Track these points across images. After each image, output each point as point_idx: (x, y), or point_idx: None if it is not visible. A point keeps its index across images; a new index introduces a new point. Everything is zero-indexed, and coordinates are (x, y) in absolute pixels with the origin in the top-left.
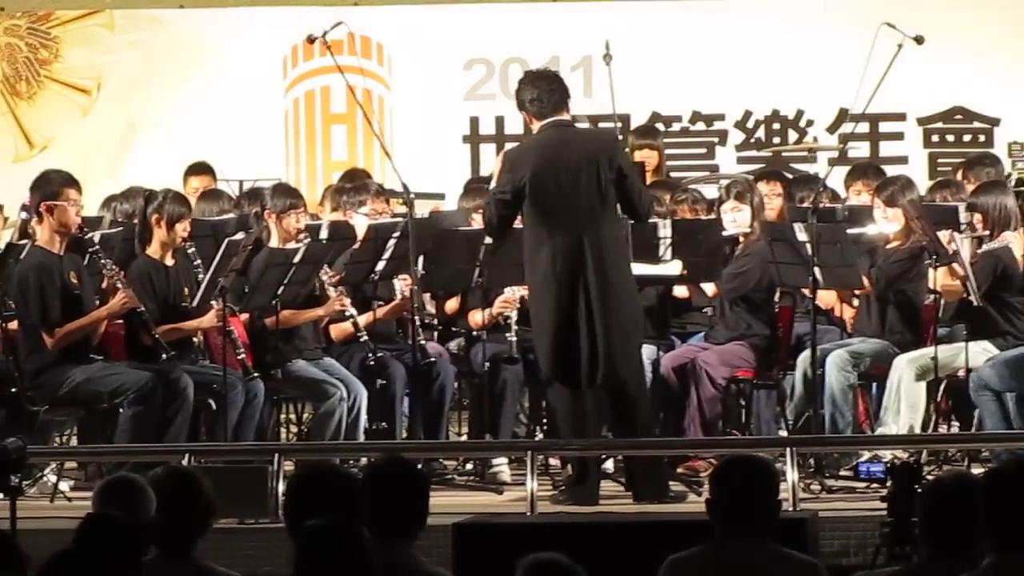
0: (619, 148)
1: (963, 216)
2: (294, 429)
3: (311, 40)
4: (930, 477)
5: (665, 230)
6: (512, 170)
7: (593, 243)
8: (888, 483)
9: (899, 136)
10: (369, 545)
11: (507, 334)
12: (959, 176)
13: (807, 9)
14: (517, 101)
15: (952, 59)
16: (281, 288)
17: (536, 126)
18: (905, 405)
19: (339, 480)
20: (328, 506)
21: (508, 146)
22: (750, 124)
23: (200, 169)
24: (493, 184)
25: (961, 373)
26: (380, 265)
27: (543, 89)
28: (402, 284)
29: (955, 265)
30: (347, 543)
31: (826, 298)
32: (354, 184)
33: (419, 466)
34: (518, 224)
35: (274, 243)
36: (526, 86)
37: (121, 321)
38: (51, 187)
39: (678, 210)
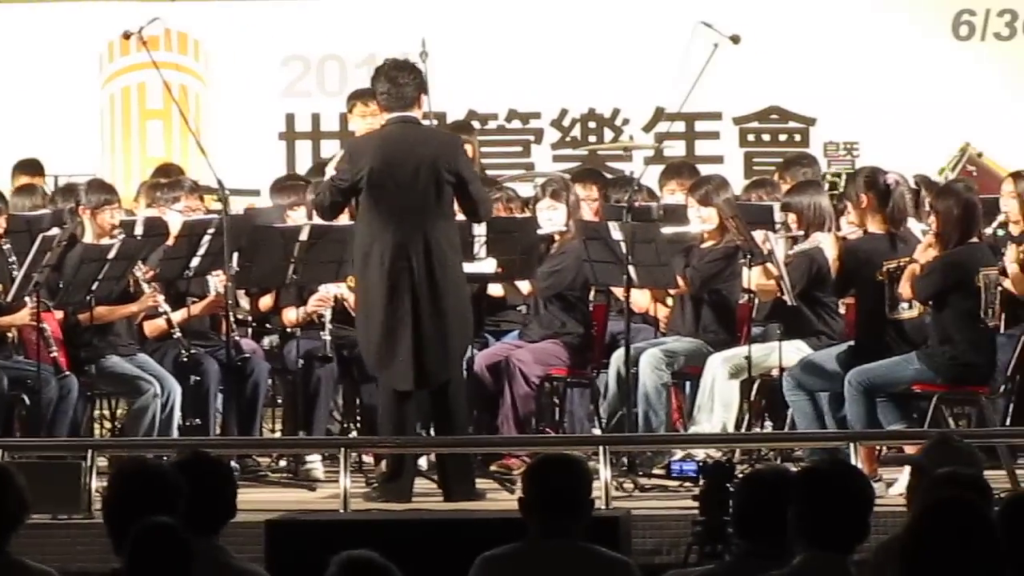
0: (461, 151)
1: (778, 216)
2: (108, 425)
3: (127, 36)
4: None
5: (480, 228)
6: (352, 161)
7: (425, 243)
8: (700, 482)
9: (715, 135)
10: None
11: (321, 332)
12: (775, 176)
13: (624, 7)
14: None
15: (768, 59)
16: (95, 284)
17: (383, 119)
18: (718, 404)
19: (162, 478)
20: (150, 503)
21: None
22: (566, 122)
23: (28, 167)
24: (332, 167)
25: (775, 372)
26: (195, 262)
27: (395, 83)
28: (216, 281)
29: (769, 264)
30: (175, 543)
31: (640, 297)
32: (169, 180)
33: (232, 462)
34: (340, 222)
35: (88, 239)
36: (380, 77)
37: None
38: None
39: (493, 208)
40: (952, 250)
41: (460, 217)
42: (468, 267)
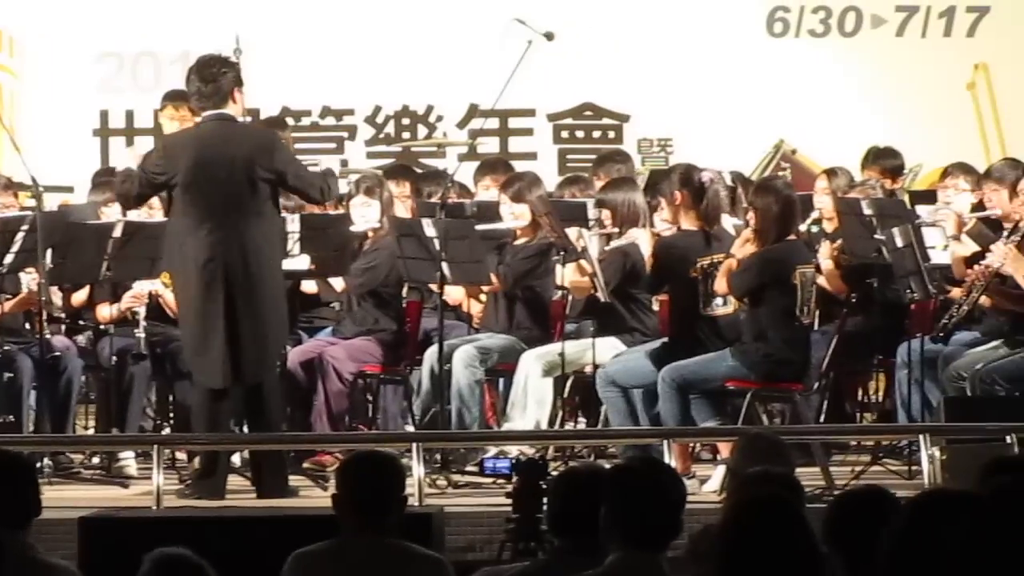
0: (278, 148)
1: (592, 212)
2: None
3: None
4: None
5: (294, 224)
6: (167, 156)
7: (240, 241)
8: (513, 479)
9: (529, 132)
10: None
11: (135, 329)
12: (589, 173)
13: (438, 4)
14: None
15: (582, 56)
16: None
17: (200, 116)
18: (532, 401)
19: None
20: None
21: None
22: (380, 119)
23: None
24: (131, 157)
25: (588, 369)
26: (8, 258)
27: (210, 79)
28: (29, 278)
29: (583, 261)
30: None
31: (454, 293)
32: None
33: (45, 459)
34: (154, 219)
35: None
36: (193, 75)
37: None
38: None
39: (306, 205)
40: (770, 247)
41: (285, 214)
42: (282, 263)
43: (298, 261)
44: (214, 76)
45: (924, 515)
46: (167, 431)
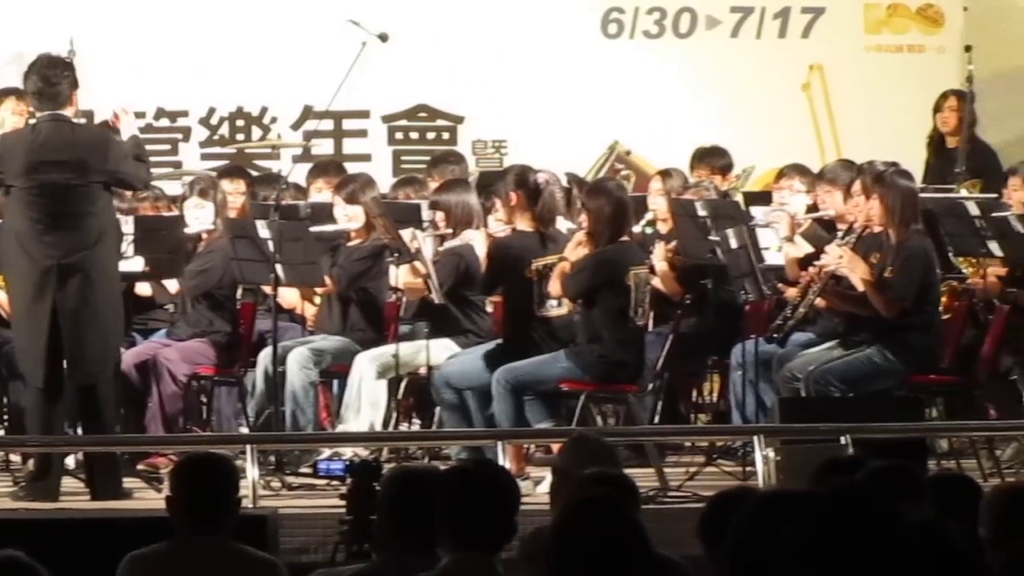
0: (112, 147)
1: (426, 214)
2: None
3: None
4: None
5: (127, 226)
6: (1, 156)
7: (75, 241)
8: (347, 481)
9: (363, 133)
10: None
11: None
12: (424, 174)
13: (272, 5)
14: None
15: (416, 57)
16: None
17: (36, 116)
18: (366, 403)
19: None
20: None
21: None
22: (214, 121)
23: None
24: None
25: (422, 370)
26: None
27: (48, 81)
28: None
29: (417, 263)
30: None
31: (288, 295)
32: None
33: None
34: None
35: None
36: (32, 74)
37: None
38: None
39: (140, 207)
40: (603, 248)
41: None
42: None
43: (132, 263)
44: (56, 78)
45: (764, 515)
46: (1, 433)
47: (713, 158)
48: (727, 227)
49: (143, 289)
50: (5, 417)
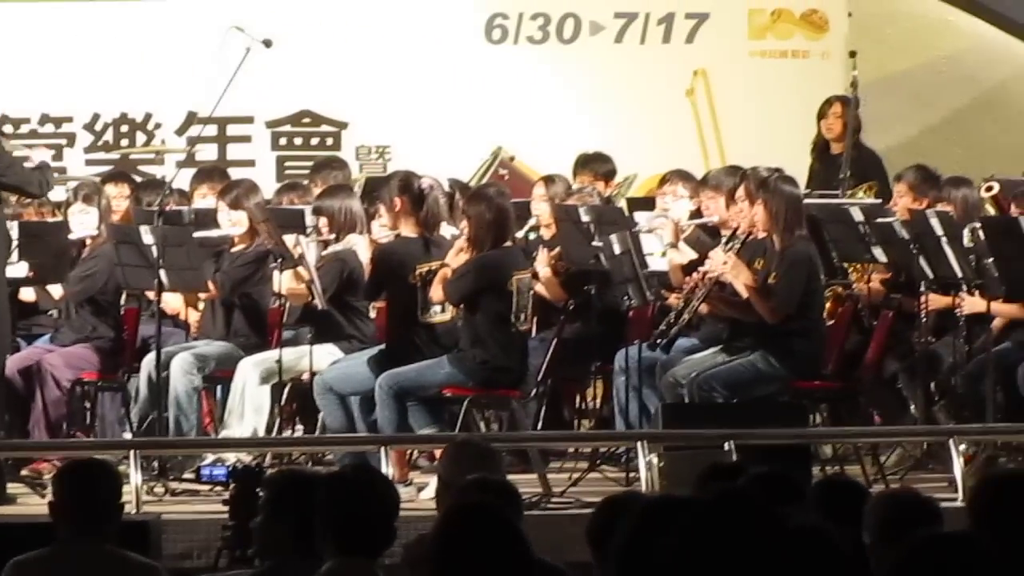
0: None
1: (309, 219)
2: None
3: None
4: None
5: (12, 232)
6: None
7: None
8: (231, 486)
9: (247, 139)
10: None
11: None
12: (307, 180)
13: (157, 10)
14: None
15: (300, 63)
16: None
17: None
18: (249, 408)
19: None
20: None
21: None
22: (98, 126)
23: None
24: None
25: (306, 376)
26: None
27: None
28: None
29: (300, 268)
30: None
31: (172, 301)
32: None
33: None
34: None
35: None
36: None
37: None
38: None
39: (24, 212)
40: (485, 253)
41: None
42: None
43: (16, 268)
44: None
45: (649, 521)
46: None
47: (596, 164)
48: (611, 233)
49: (27, 294)
50: None
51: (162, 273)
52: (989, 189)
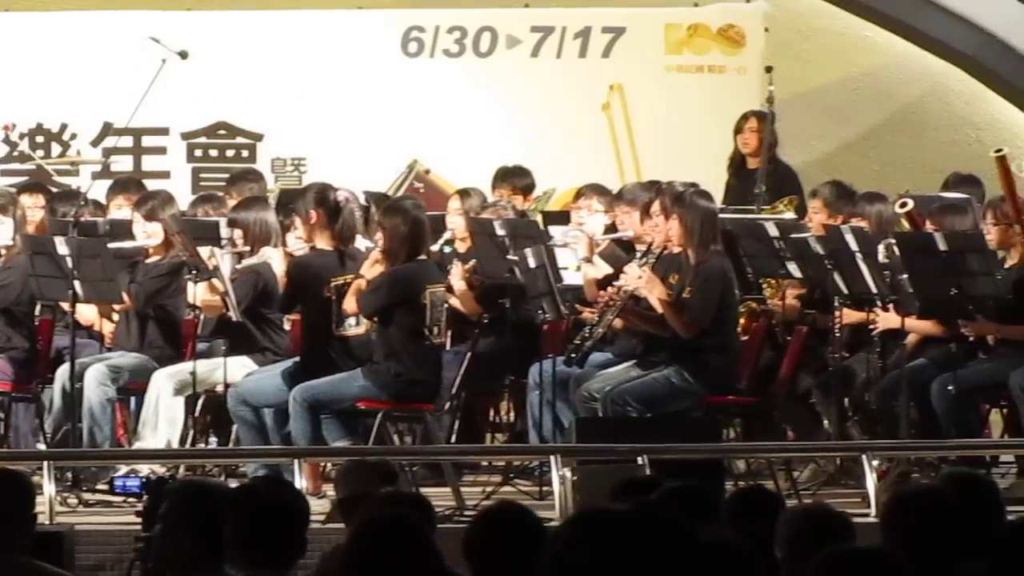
0: None
1: (224, 231)
2: None
3: None
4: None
5: None
6: None
7: None
8: (144, 498)
9: (162, 150)
10: None
11: None
12: (222, 192)
13: (73, 21)
14: None
15: (216, 74)
16: None
17: None
18: (163, 420)
19: None
20: None
21: None
22: (14, 137)
23: None
24: None
25: (220, 388)
26: None
27: None
28: None
29: (215, 280)
30: None
31: (86, 312)
32: None
33: None
34: None
35: None
36: None
37: None
38: None
39: None
40: (399, 266)
41: None
42: None
43: None
44: None
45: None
46: None
47: (515, 178)
48: (525, 246)
49: None
50: None
51: (77, 284)
52: (903, 205)
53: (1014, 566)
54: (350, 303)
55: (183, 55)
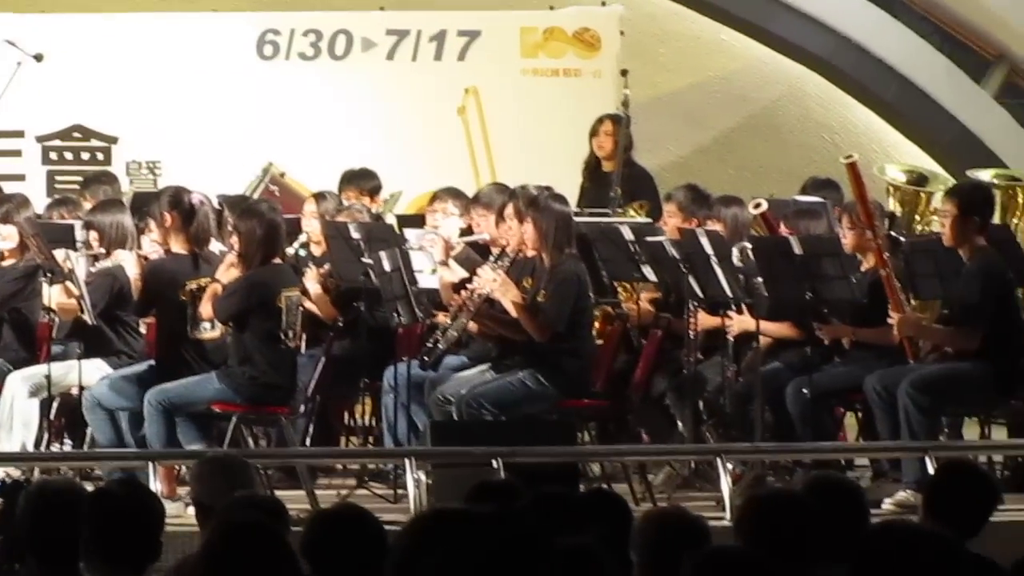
0: None
1: (79, 234)
2: None
3: None
4: None
5: None
6: None
7: None
8: None
9: (17, 153)
10: None
11: None
12: (78, 195)
13: None
14: None
15: (71, 77)
16: None
17: None
18: (18, 423)
19: None
20: None
21: None
22: None
23: None
24: None
25: (75, 391)
26: None
27: None
28: None
29: (70, 283)
30: None
31: None
32: None
33: None
34: None
35: None
36: None
37: None
38: None
39: None
40: (255, 270)
41: None
42: None
43: None
44: None
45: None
46: None
47: (361, 180)
48: (381, 250)
49: None
50: None
51: None
52: (757, 206)
53: (877, 570)
54: (206, 307)
55: (38, 58)
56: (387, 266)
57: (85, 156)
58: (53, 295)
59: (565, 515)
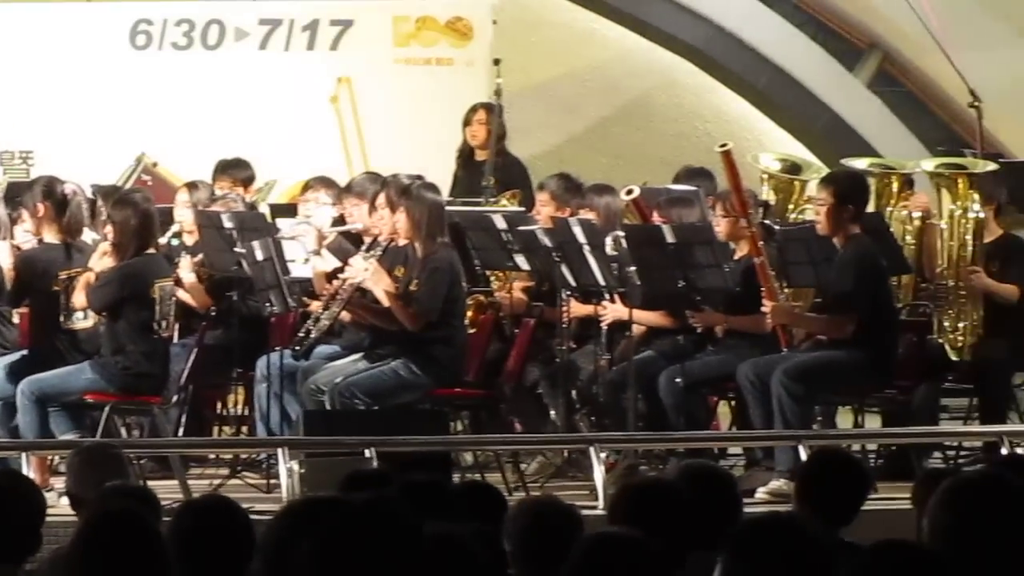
0: None
1: None
2: None
3: None
4: None
5: None
6: None
7: None
8: None
9: None
10: None
11: None
12: None
13: None
14: None
15: None
16: None
17: None
18: None
19: None
20: None
21: None
22: None
23: None
24: None
25: None
26: None
27: None
28: None
29: None
30: None
31: None
32: None
33: None
34: None
35: None
36: None
37: None
38: None
39: None
40: (128, 260)
41: None
42: None
43: None
44: None
45: (288, 526)
46: None
47: (235, 170)
48: (253, 239)
49: None
50: None
51: None
52: (629, 192)
53: (750, 558)
54: (79, 297)
55: None
56: (260, 255)
57: None
58: None
59: (438, 504)
